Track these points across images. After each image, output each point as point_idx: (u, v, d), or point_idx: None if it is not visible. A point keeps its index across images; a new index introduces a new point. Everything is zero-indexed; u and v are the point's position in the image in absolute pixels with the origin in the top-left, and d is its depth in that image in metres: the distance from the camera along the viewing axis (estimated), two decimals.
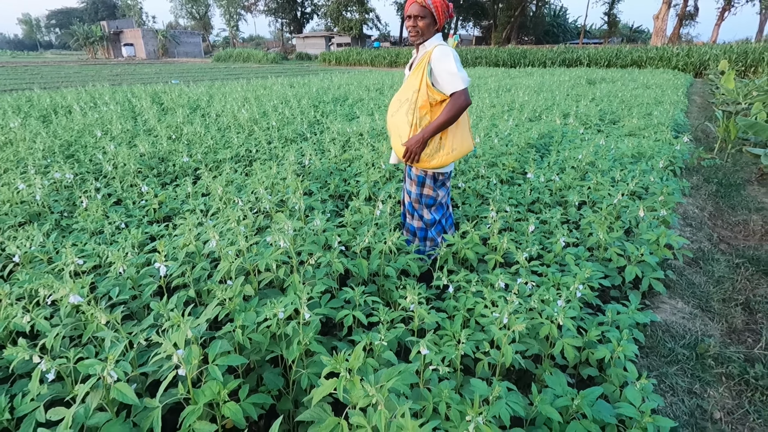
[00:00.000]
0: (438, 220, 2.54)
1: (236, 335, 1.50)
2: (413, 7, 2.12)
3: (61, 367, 1.42)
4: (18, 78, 18.91)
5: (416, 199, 2.51)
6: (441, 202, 2.50)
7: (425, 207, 2.53)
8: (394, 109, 2.35)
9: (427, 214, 2.54)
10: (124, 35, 51.80)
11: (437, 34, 2.22)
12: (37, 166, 3.83)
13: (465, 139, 2.30)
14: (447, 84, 2.13)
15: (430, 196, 2.46)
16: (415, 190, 2.49)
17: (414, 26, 2.17)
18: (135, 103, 8.06)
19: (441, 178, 2.43)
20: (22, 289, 1.86)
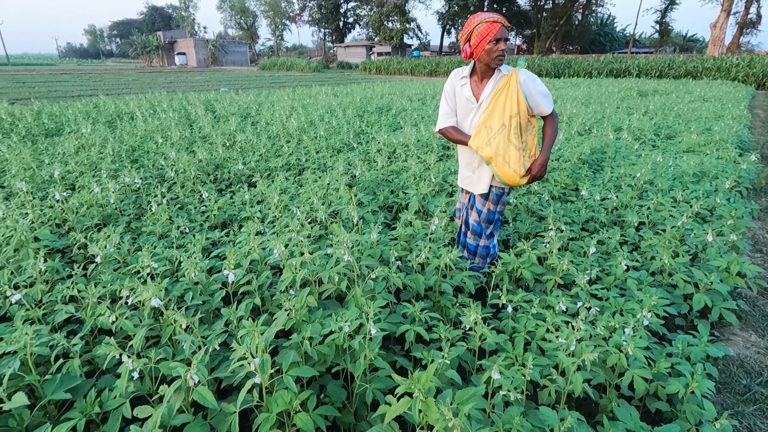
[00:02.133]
0: (494, 236, 2.57)
1: (305, 346, 1.55)
2: (503, 31, 2.08)
3: (144, 366, 1.52)
4: (83, 84, 20.39)
5: (487, 219, 2.51)
6: (499, 218, 2.55)
7: (494, 223, 2.57)
8: (486, 137, 2.26)
9: (494, 230, 2.60)
10: (178, 45, 54.80)
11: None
12: (108, 171, 4.11)
13: (537, 148, 2.40)
14: (544, 105, 2.24)
15: (493, 211, 2.51)
16: (490, 208, 2.49)
17: (503, 50, 2.14)
18: (190, 111, 8.49)
19: (508, 192, 2.53)
20: (106, 289, 1.99)
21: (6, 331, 1.79)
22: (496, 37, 2.07)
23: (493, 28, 2.06)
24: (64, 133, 6.42)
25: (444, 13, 46.79)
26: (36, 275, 2.14)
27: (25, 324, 1.77)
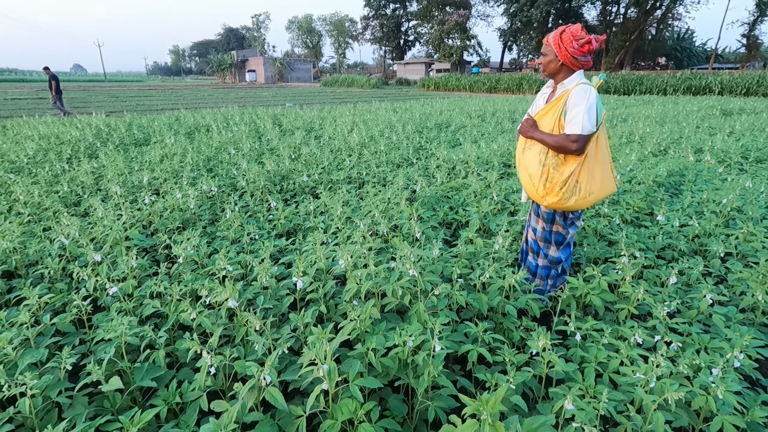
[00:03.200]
0: (563, 260, 2.43)
1: (369, 357, 1.57)
2: (543, 46, 2.21)
3: (220, 363, 1.62)
4: (166, 99, 22.42)
5: (543, 237, 2.44)
6: (569, 241, 2.39)
7: (553, 244, 2.44)
8: (523, 144, 2.31)
9: (554, 251, 2.45)
10: (249, 63, 58.71)
11: (577, 71, 2.16)
12: (188, 178, 4.47)
13: (606, 181, 2.18)
14: (569, 125, 2.08)
15: (559, 233, 2.38)
16: (543, 227, 2.42)
17: (539, 62, 2.24)
18: (259, 124, 9.04)
19: (571, 216, 2.34)
20: (187, 287, 2.16)
21: (103, 321, 1.99)
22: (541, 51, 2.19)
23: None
24: (151, 142, 7.08)
25: (506, 30, 46.26)
26: (128, 271, 2.37)
27: (119, 315, 1.96)
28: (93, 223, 3.27)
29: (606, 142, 2.21)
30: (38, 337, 1.86)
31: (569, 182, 2.14)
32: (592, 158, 2.14)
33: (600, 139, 2.16)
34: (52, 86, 12.41)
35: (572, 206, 2.18)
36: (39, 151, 6.05)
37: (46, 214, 3.58)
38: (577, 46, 2.06)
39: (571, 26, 2.10)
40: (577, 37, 2.06)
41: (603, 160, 2.18)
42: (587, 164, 2.14)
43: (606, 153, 2.20)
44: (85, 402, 1.58)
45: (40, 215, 3.61)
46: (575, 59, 2.08)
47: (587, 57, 2.10)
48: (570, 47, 2.06)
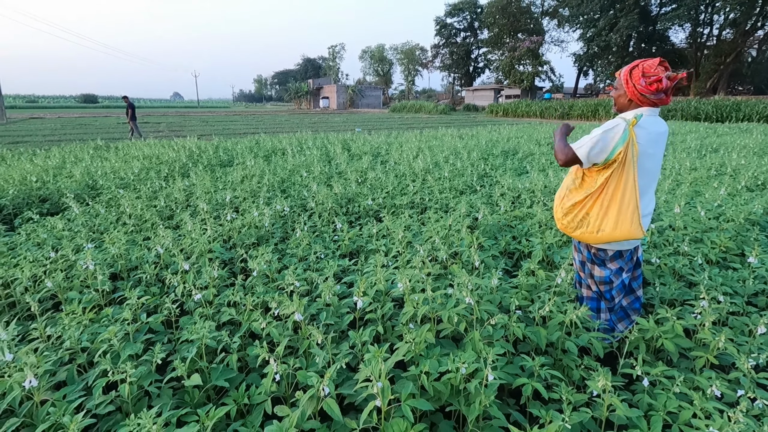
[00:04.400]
0: (612, 300, 2.32)
1: (422, 380, 1.62)
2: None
3: (284, 372, 1.76)
4: (249, 124, 24.47)
5: (579, 267, 2.44)
6: (604, 281, 2.29)
7: (589, 277, 2.39)
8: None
9: (594, 285, 2.39)
10: (323, 90, 62.36)
11: (640, 108, 2.10)
12: (264, 198, 4.86)
13: (621, 223, 2.06)
14: (583, 140, 2.09)
15: (590, 267, 2.35)
16: (576, 256, 2.45)
17: (613, 96, 2.21)
18: (329, 148, 9.56)
19: (595, 253, 2.27)
20: (259, 299, 2.37)
21: (188, 323, 2.24)
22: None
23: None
24: (234, 164, 7.79)
25: (582, 55, 44.69)
26: (210, 280, 2.65)
27: (201, 319, 2.20)
28: (183, 235, 3.69)
29: (634, 184, 2.05)
30: (135, 333, 2.14)
31: (576, 211, 2.17)
32: (608, 196, 2.09)
33: (627, 179, 2.05)
34: (128, 113, 14.29)
35: (579, 237, 2.19)
36: (143, 169, 6.93)
37: (146, 226, 4.10)
38: (645, 83, 2.01)
39: (647, 61, 2.04)
40: (648, 74, 2.00)
41: (625, 202, 2.06)
42: (601, 200, 2.10)
43: (631, 195, 2.05)
44: (170, 393, 1.80)
45: (141, 226, 4.14)
46: (643, 96, 2.04)
47: (659, 95, 2.03)
48: (638, 84, 2.02)
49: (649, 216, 2.23)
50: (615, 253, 2.26)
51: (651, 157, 2.09)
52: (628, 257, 2.29)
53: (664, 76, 1.97)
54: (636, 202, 2.06)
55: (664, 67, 2.03)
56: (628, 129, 2.00)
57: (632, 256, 2.33)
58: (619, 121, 2.05)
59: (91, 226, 4.15)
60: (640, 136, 2.02)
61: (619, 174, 2.05)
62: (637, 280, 2.40)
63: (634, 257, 2.34)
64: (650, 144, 2.06)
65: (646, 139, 2.04)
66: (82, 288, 2.78)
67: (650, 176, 2.14)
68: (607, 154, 2.03)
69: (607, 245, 2.22)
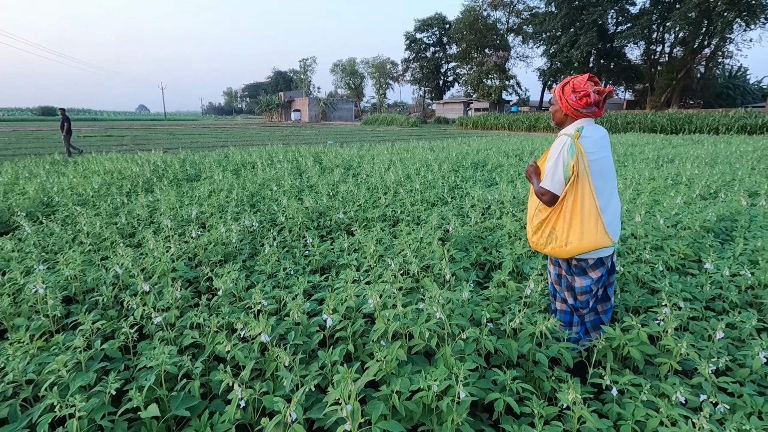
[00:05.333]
0: (588, 310, 2.36)
1: (393, 400, 1.58)
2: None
3: (250, 397, 1.68)
4: (218, 137, 23.99)
5: (555, 281, 2.46)
6: (585, 291, 2.32)
7: (566, 290, 2.41)
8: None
9: (570, 298, 2.41)
10: (294, 103, 62.09)
11: (577, 120, 2.20)
12: (232, 213, 4.73)
13: (588, 234, 2.12)
14: (545, 175, 2.19)
15: (567, 279, 2.36)
16: (553, 270, 2.47)
17: (551, 111, 2.34)
18: (301, 162, 9.47)
19: (576, 264, 2.30)
20: (224, 320, 2.27)
21: (147, 348, 2.12)
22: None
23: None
24: (201, 178, 7.58)
25: (546, 70, 46.52)
26: (172, 302, 2.52)
27: (162, 344, 2.08)
28: (145, 253, 3.53)
29: (591, 193, 2.11)
30: (89, 362, 2.00)
31: (543, 227, 2.24)
32: (569, 208, 2.16)
33: (583, 189, 2.12)
34: (63, 128, 13.22)
35: (551, 253, 2.24)
36: (103, 185, 6.63)
37: (105, 244, 3.90)
38: (575, 99, 2.13)
39: (576, 78, 2.17)
40: (577, 89, 2.12)
41: (586, 212, 2.12)
42: (563, 214, 2.17)
43: (590, 203, 2.11)
44: (125, 426, 1.68)
45: (99, 245, 3.93)
46: (576, 110, 2.15)
47: (590, 108, 2.13)
48: (570, 99, 2.14)
49: (617, 219, 2.28)
50: (596, 261, 2.28)
51: (602, 159, 2.18)
52: (608, 263, 2.34)
53: (591, 90, 2.09)
54: (597, 211, 2.12)
55: (593, 83, 2.15)
56: (573, 143, 2.10)
57: (609, 262, 2.38)
58: (564, 138, 2.15)
59: (43, 246, 3.91)
60: (587, 145, 2.12)
61: (575, 186, 2.13)
62: (611, 285, 2.45)
63: (609, 263, 2.39)
64: (598, 149, 2.16)
65: (594, 146, 2.14)
66: (31, 313, 2.59)
67: (608, 178, 2.22)
68: (565, 174, 2.12)
69: (586, 255, 2.24)
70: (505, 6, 48.98)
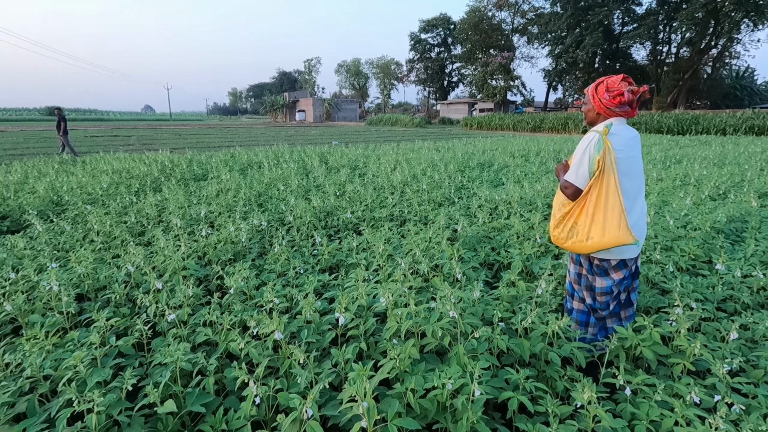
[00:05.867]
0: (608, 312, 2.34)
1: (408, 397, 1.59)
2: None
3: (264, 394, 1.69)
4: (223, 137, 24.10)
5: (575, 279, 2.44)
6: (605, 292, 2.30)
7: (585, 290, 2.39)
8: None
9: (589, 297, 2.39)
10: (299, 103, 62.27)
11: (608, 119, 2.20)
12: (241, 212, 4.75)
13: (610, 229, 2.10)
14: (570, 169, 2.22)
15: (588, 278, 2.35)
16: (573, 268, 2.45)
17: (583, 111, 2.34)
18: (307, 162, 9.49)
19: (597, 264, 2.29)
20: (237, 318, 2.29)
21: (161, 345, 2.14)
22: None
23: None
24: (209, 178, 7.62)
25: (551, 71, 46.38)
26: (184, 299, 2.54)
27: (175, 341, 2.10)
28: (155, 252, 3.55)
29: (616, 189, 2.09)
30: (104, 358, 2.02)
31: (565, 221, 2.24)
32: (592, 203, 2.15)
33: (608, 185, 2.11)
34: (60, 127, 12.93)
35: (571, 248, 2.23)
36: (112, 184, 6.68)
37: (115, 243, 3.93)
38: (609, 98, 2.13)
39: (611, 77, 2.17)
40: (611, 89, 2.12)
41: (609, 207, 2.11)
42: (586, 208, 2.16)
43: (615, 200, 2.09)
44: (141, 422, 1.69)
45: (110, 243, 3.96)
46: (609, 110, 2.15)
47: (624, 107, 2.13)
48: (603, 98, 2.14)
49: (643, 221, 2.26)
50: (619, 263, 2.25)
51: (631, 159, 2.16)
52: (631, 266, 2.31)
53: (626, 90, 2.09)
54: (621, 207, 2.10)
55: (627, 82, 2.15)
56: (601, 138, 2.10)
57: (633, 266, 2.34)
58: (592, 134, 2.15)
59: (55, 245, 3.95)
60: (615, 143, 2.11)
61: (600, 181, 2.11)
62: (635, 290, 2.43)
63: (633, 267, 2.35)
64: (627, 147, 2.14)
65: (622, 144, 2.13)
66: (45, 310, 2.62)
67: (636, 179, 2.20)
68: (590, 168, 2.12)
69: (609, 255, 2.22)
70: (510, 6, 48.86)
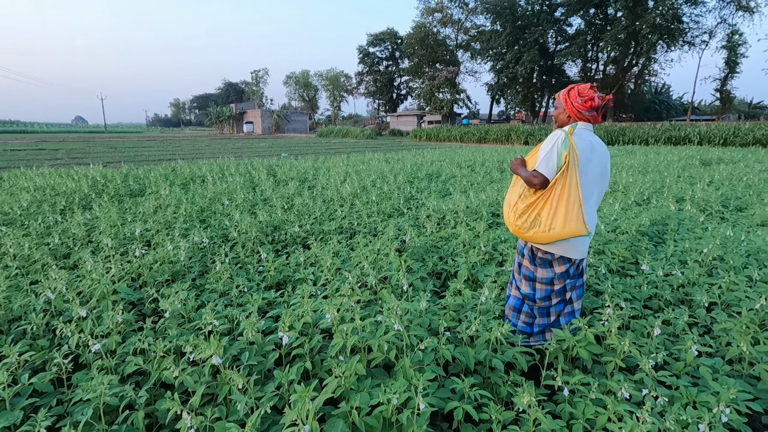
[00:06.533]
0: (546, 302, 2.49)
1: (353, 416, 1.55)
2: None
3: (200, 425, 1.58)
4: (164, 150, 22.90)
5: (516, 269, 2.61)
6: (544, 282, 2.45)
7: (523, 279, 2.56)
8: (513, 180, 2.57)
9: (525, 287, 2.55)
10: (247, 115, 60.76)
11: (578, 122, 2.36)
12: (180, 230, 4.50)
13: (570, 221, 2.25)
14: (538, 162, 2.31)
15: (528, 269, 2.50)
16: (517, 258, 2.62)
17: (553, 115, 2.48)
18: (254, 175, 9.23)
19: (541, 256, 2.43)
20: (171, 343, 2.14)
21: (84, 379, 1.95)
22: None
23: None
24: (146, 194, 7.18)
25: (493, 85, 48.71)
26: (113, 327, 2.35)
27: (101, 374, 1.92)
28: (81, 276, 3.26)
29: (577, 185, 2.26)
30: (14, 398, 1.81)
31: (529, 212, 2.33)
32: (556, 196, 2.28)
33: (570, 180, 2.26)
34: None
35: (531, 238, 2.33)
36: (33, 202, 6.10)
37: (35, 267, 3.57)
38: (581, 102, 2.30)
39: (580, 84, 2.35)
40: (583, 94, 2.31)
41: (570, 201, 2.26)
42: (550, 201, 2.29)
43: (575, 194, 2.25)
44: None
45: (28, 268, 3.59)
46: (580, 113, 2.32)
47: (592, 112, 2.33)
48: (575, 102, 2.31)
49: (594, 217, 2.41)
50: (563, 258, 2.42)
51: (589, 163, 2.31)
52: (576, 263, 2.47)
53: (596, 95, 2.29)
54: (580, 202, 2.27)
55: (594, 90, 2.36)
56: (567, 137, 2.26)
57: (578, 266, 2.50)
58: (559, 132, 2.31)
59: None
60: (578, 144, 2.27)
61: (564, 176, 2.26)
62: (577, 290, 2.56)
63: (580, 267, 2.52)
64: (586, 151, 2.30)
65: (582, 147, 2.29)
66: None
67: (590, 183, 2.34)
68: (558, 162, 2.26)
69: (555, 249, 2.38)
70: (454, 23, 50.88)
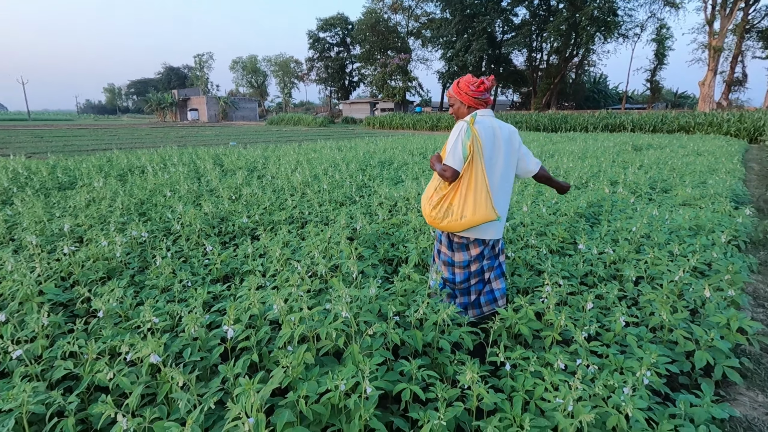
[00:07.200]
0: (465, 284, 2.66)
1: (300, 405, 1.54)
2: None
3: (138, 426, 1.51)
4: (98, 139, 21.25)
5: (436, 255, 2.76)
6: (462, 266, 2.60)
7: (443, 264, 2.71)
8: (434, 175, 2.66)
9: (445, 271, 2.70)
10: (191, 102, 57.61)
11: (478, 110, 2.47)
12: (117, 224, 4.22)
13: (479, 208, 2.39)
14: (446, 155, 2.42)
15: (447, 254, 2.64)
16: (435, 245, 2.77)
17: (452, 112, 2.57)
18: (199, 165, 8.80)
19: (457, 241, 2.58)
20: (105, 344, 2.01)
21: (4, 389, 1.79)
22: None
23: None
24: (77, 186, 6.64)
25: (444, 73, 49.37)
26: (38, 330, 2.17)
27: (24, 381, 1.78)
28: (1, 277, 2.98)
29: (483, 173, 2.39)
30: None
31: (442, 203, 2.45)
32: (465, 185, 2.41)
33: (477, 169, 2.38)
34: None
35: (446, 227, 2.46)
36: None
37: None
38: (474, 88, 2.42)
39: (463, 77, 2.49)
40: (471, 81, 2.43)
41: (478, 189, 2.39)
42: (460, 190, 2.42)
43: (482, 182, 2.38)
44: None
45: None
46: (476, 99, 2.43)
47: (486, 95, 2.44)
48: (469, 90, 2.42)
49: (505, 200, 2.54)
50: (477, 240, 2.56)
51: (494, 147, 2.43)
52: (491, 245, 2.62)
53: (484, 78, 2.45)
54: (487, 189, 2.40)
55: (476, 76, 2.50)
56: (469, 127, 2.36)
57: (494, 247, 2.64)
58: (461, 123, 2.41)
59: None
60: (480, 132, 2.38)
61: (471, 165, 2.38)
62: (495, 270, 2.67)
63: (495, 248, 2.66)
64: (489, 137, 2.41)
65: (486, 134, 2.39)
66: None
67: (499, 166, 2.46)
68: (464, 152, 2.35)
69: (469, 233, 2.51)
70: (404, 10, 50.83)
